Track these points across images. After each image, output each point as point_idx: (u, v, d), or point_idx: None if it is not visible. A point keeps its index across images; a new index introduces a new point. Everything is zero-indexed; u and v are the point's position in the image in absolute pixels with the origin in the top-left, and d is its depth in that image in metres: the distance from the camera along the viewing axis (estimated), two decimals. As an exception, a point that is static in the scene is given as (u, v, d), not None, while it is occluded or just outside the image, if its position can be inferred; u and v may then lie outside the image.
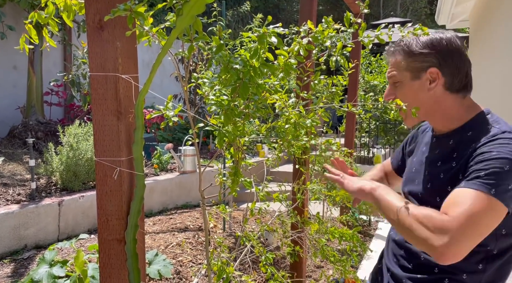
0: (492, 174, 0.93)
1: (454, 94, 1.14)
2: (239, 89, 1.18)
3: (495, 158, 0.95)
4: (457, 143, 1.11)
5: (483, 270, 1.06)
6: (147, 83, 1.15)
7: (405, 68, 1.16)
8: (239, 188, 1.59)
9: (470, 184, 0.95)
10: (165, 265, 2.50)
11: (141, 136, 1.19)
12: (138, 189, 1.20)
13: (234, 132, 1.33)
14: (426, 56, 1.12)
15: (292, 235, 2.79)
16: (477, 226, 0.90)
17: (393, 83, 1.20)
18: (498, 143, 0.98)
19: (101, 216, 1.21)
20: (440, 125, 1.19)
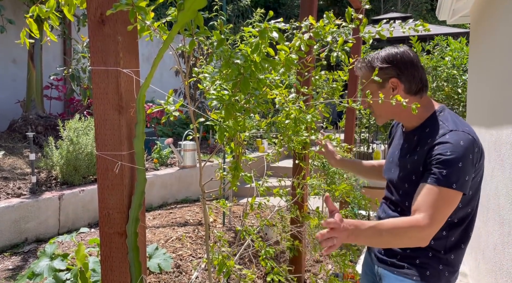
0: (452, 171, 1.19)
1: (413, 96, 1.37)
2: (240, 84, 1.18)
3: (451, 158, 1.20)
4: (419, 138, 1.36)
5: (446, 236, 1.33)
6: (148, 78, 1.15)
7: (371, 81, 1.38)
8: (239, 183, 1.60)
9: (434, 181, 1.21)
10: (165, 259, 2.51)
11: (142, 130, 1.19)
12: (139, 183, 1.21)
13: (234, 127, 1.34)
14: (386, 69, 1.36)
15: (292, 230, 2.80)
16: (444, 214, 1.20)
17: (365, 94, 1.42)
18: (449, 144, 1.22)
19: (102, 210, 1.22)
20: (406, 122, 1.44)
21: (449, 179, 1.19)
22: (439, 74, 6.33)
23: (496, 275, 2.77)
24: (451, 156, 1.20)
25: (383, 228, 1.20)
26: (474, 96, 3.90)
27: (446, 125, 1.29)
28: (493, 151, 2.91)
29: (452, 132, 1.25)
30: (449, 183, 1.19)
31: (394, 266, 1.38)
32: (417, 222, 1.18)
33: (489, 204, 3.00)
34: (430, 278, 1.32)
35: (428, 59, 6.43)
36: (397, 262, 1.37)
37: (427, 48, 6.61)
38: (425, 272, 1.32)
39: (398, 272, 1.36)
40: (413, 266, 1.34)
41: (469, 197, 1.30)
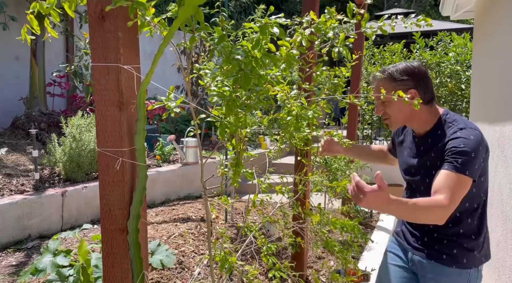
0: (466, 160, 1.40)
1: (425, 105, 1.56)
2: (241, 80, 1.18)
3: (464, 150, 1.41)
4: (432, 140, 1.56)
5: (470, 222, 1.55)
6: (148, 74, 1.15)
7: (391, 90, 1.53)
8: (241, 180, 1.60)
9: (451, 167, 1.41)
10: (167, 255, 2.52)
11: (143, 127, 1.19)
12: (140, 179, 1.21)
13: (235, 123, 1.34)
14: (406, 81, 1.54)
15: (294, 226, 2.80)
16: (459, 197, 1.39)
17: (382, 102, 1.58)
18: (462, 138, 1.44)
19: (103, 206, 1.22)
20: (417, 128, 1.63)
21: (464, 167, 1.39)
22: (442, 70, 6.30)
23: (499, 271, 2.77)
24: (464, 148, 1.41)
25: (414, 205, 1.36)
26: (478, 92, 3.87)
27: (456, 124, 1.51)
28: (496, 148, 2.90)
29: (462, 130, 1.47)
30: (464, 170, 1.39)
31: (432, 256, 1.57)
32: (440, 202, 1.36)
33: (492, 201, 2.99)
34: (468, 263, 1.53)
35: (431, 55, 6.40)
36: (435, 253, 1.57)
37: (430, 43, 6.57)
38: (463, 260, 1.53)
39: (437, 260, 1.56)
40: (451, 256, 1.54)
41: (480, 184, 1.52)
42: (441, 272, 1.56)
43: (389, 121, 1.62)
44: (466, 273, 1.54)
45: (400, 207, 1.34)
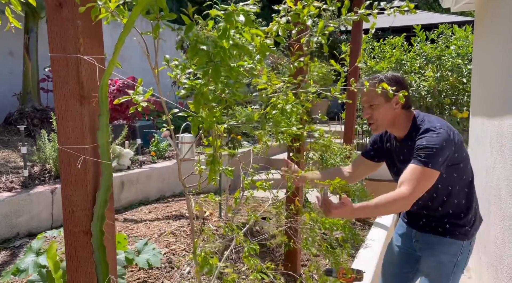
0: (428, 155, 1.63)
1: (405, 110, 1.82)
2: (211, 72, 1.10)
3: (427, 146, 1.65)
4: (411, 141, 1.76)
5: (458, 203, 1.80)
6: (110, 65, 1.07)
7: (380, 96, 1.73)
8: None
9: (416, 162, 1.64)
10: (154, 254, 2.45)
11: (106, 122, 1.11)
12: (104, 178, 1.13)
13: (209, 118, 1.26)
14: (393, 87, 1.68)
15: (286, 224, 2.73)
16: (423, 187, 1.63)
17: (370, 106, 1.80)
18: (426, 137, 1.68)
19: (66, 207, 1.15)
20: (397, 131, 1.86)
21: (426, 160, 1.62)
22: (443, 64, 6.17)
23: (496, 269, 2.68)
24: (427, 144, 1.64)
25: (376, 205, 1.62)
26: (478, 86, 3.77)
27: (423, 126, 1.75)
28: (495, 143, 2.80)
29: (427, 130, 1.71)
30: (427, 163, 1.62)
31: (430, 230, 1.86)
32: (402, 194, 1.60)
33: (490, 197, 2.90)
34: (460, 236, 1.80)
35: (432, 49, 6.27)
36: (433, 228, 1.84)
37: (431, 36, 6.45)
38: (455, 232, 1.80)
39: (434, 233, 1.84)
40: (445, 229, 1.81)
41: (461, 169, 1.76)
42: (438, 242, 1.83)
43: (374, 125, 1.82)
44: (459, 244, 1.80)
45: (365, 211, 1.66)
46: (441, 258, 1.83)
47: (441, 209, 1.80)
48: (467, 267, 1.85)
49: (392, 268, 2.07)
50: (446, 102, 6.22)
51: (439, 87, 6.24)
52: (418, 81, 6.26)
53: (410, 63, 6.43)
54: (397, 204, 1.61)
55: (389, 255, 2.11)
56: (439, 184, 1.71)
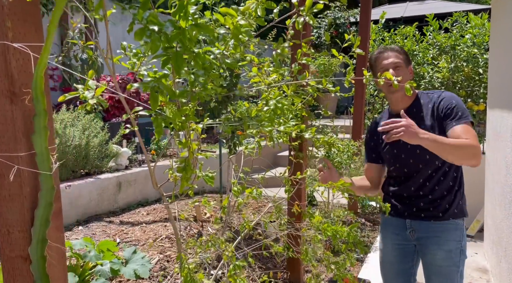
0: (464, 112, 1.63)
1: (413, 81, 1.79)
2: (172, 60, 0.88)
3: (459, 104, 1.65)
4: (418, 108, 1.74)
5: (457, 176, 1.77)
6: (44, 53, 0.86)
7: (402, 59, 1.75)
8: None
9: (461, 122, 1.61)
10: (143, 263, 2.27)
11: (44, 124, 0.91)
12: (43, 193, 0.93)
13: (177, 118, 1.04)
14: (408, 57, 1.81)
15: (288, 229, 2.52)
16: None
17: (395, 67, 1.72)
18: (448, 95, 1.70)
19: (1, 227, 0.95)
20: (407, 99, 1.77)
21: (468, 117, 1.62)
22: (458, 54, 5.85)
23: None
24: (457, 103, 1.65)
25: (451, 141, 1.55)
26: (496, 76, 3.49)
27: (433, 92, 1.76)
28: (517, 138, 2.54)
29: (443, 92, 1.73)
30: (468, 118, 1.62)
31: (430, 217, 1.75)
32: (476, 143, 1.54)
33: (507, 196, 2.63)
34: (459, 213, 1.75)
35: (445, 38, 5.95)
36: (431, 213, 1.74)
37: (445, 25, 6.12)
38: (454, 210, 1.74)
39: (436, 219, 1.74)
40: (446, 210, 1.73)
41: None
42: (440, 229, 1.74)
43: (398, 93, 1.71)
44: (460, 226, 1.75)
45: (440, 140, 1.52)
46: (449, 246, 1.74)
47: (438, 189, 1.73)
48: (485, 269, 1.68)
49: (393, 267, 1.95)
50: (461, 94, 5.91)
51: (454, 79, 5.93)
52: (431, 73, 5.96)
53: (422, 54, 6.11)
54: (473, 150, 1.53)
55: (385, 256, 1.98)
56: (436, 160, 1.68)
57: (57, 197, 0.99)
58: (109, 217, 3.63)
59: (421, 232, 1.78)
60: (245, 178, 1.76)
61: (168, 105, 0.99)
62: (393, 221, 1.88)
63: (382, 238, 1.98)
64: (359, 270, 3.10)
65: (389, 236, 1.92)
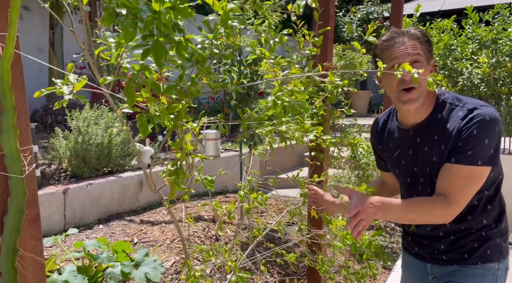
0: (477, 151, 1.18)
1: None
2: (151, 50, 0.77)
3: (476, 135, 1.18)
4: (434, 128, 1.29)
5: (491, 209, 1.33)
6: (8, 43, 0.77)
7: (422, 51, 1.25)
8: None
9: (461, 160, 1.20)
10: (155, 267, 2.19)
11: (12, 122, 0.82)
12: (14, 198, 0.84)
13: (164, 116, 0.93)
14: (431, 47, 1.29)
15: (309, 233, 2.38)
16: (471, 191, 1.22)
17: (414, 62, 1.22)
18: (473, 122, 1.19)
19: (-29, 235, 0.87)
20: (421, 111, 1.30)
21: (478, 157, 1.18)
22: (500, 48, 5.49)
23: None
24: (480, 135, 1.18)
25: (413, 206, 1.26)
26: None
27: (462, 105, 1.25)
28: None
29: (476, 110, 1.21)
30: (478, 160, 1.19)
31: (453, 260, 1.35)
32: (453, 201, 1.20)
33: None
34: (492, 256, 1.32)
35: (486, 31, 5.59)
36: (455, 256, 1.35)
37: (486, 18, 5.75)
38: (486, 251, 1.32)
39: (460, 262, 1.34)
40: (473, 251, 1.32)
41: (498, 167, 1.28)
42: (465, 274, 1.34)
43: (416, 92, 1.23)
44: (493, 271, 1.33)
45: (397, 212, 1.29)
46: None
47: (469, 220, 1.32)
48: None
49: None
50: (503, 92, 5.54)
51: (495, 75, 5.56)
52: (470, 68, 5.62)
53: (461, 49, 5.78)
54: (436, 213, 1.23)
55: None
56: None
57: (32, 203, 0.91)
58: (130, 216, 3.61)
59: (444, 278, 1.40)
60: (254, 181, 1.64)
61: (152, 101, 0.88)
62: (412, 260, 1.51)
63: (402, 277, 1.62)
64: (386, 278, 2.92)
65: (409, 277, 1.55)
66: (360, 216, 1.19)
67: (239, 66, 3.58)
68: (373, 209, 1.20)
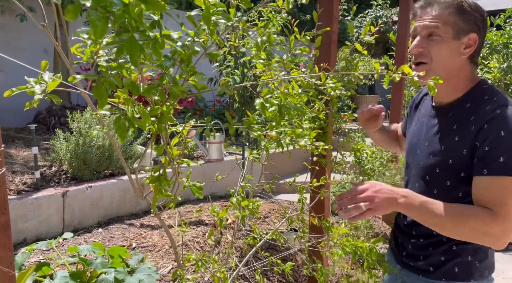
0: (510, 155, 1.00)
1: (471, 66, 1.16)
2: (125, 47, 0.71)
3: (504, 138, 1.01)
4: (456, 115, 1.15)
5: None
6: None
7: (451, 24, 1.10)
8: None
9: (495, 170, 1.01)
10: (149, 273, 2.13)
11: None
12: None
13: (146, 118, 0.87)
14: (474, 19, 1.11)
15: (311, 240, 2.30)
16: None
17: (429, 36, 1.13)
18: (502, 121, 1.02)
19: None
20: (444, 94, 1.19)
21: (511, 165, 1.00)
22: (511, 53, 5.37)
23: None
24: (508, 137, 1.01)
25: (446, 210, 1.03)
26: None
27: (495, 99, 1.09)
28: None
29: (501, 108, 1.05)
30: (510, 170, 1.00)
31: (418, 269, 1.25)
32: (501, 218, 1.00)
33: None
34: (461, 274, 1.18)
35: (497, 36, 5.48)
36: (421, 264, 1.24)
37: (497, 22, 5.64)
38: (454, 268, 1.18)
39: (424, 274, 1.23)
40: (439, 266, 1.20)
41: None
42: None
43: (425, 66, 1.14)
44: None
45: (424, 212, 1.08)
46: None
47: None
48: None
49: None
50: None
51: (506, 80, 5.44)
52: (481, 73, 5.50)
53: (470, 53, 5.68)
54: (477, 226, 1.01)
55: None
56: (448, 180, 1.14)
57: (2, 210, 0.85)
58: (130, 220, 3.56)
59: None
60: (250, 186, 1.57)
61: (129, 103, 0.82)
62: (390, 257, 1.44)
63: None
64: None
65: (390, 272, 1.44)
66: (366, 195, 1.00)
67: (242, 69, 3.52)
68: (388, 196, 1.01)
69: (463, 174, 1.10)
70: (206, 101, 7.38)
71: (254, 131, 0.95)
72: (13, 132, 4.74)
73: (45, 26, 0.82)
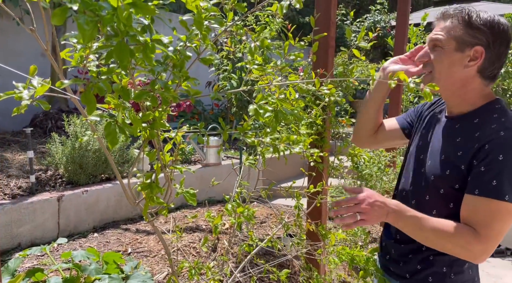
0: (501, 179, 1.01)
1: (481, 79, 1.15)
2: (114, 52, 0.69)
3: (501, 162, 1.02)
4: (462, 128, 1.15)
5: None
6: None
7: (455, 36, 1.13)
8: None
9: (485, 192, 1.03)
10: (144, 280, 2.10)
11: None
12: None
13: (137, 124, 0.85)
14: (480, 33, 1.11)
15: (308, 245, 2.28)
16: (503, 232, 1.04)
17: (433, 46, 1.17)
18: (503, 145, 1.03)
19: None
20: (453, 104, 1.21)
21: (505, 192, 1.02)
22: (509, 58, 5.37)
23: None
24: (505, 161, 1.02)
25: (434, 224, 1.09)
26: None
27: (503, 120, 1.09)
28: None
29: (505, 131, 1.05)
30: (505, 195, 1.02)
31: (396, 275, 1.29)
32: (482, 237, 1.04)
33: None
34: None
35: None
36: (399, 271, 1.27)
37: (494, 28, 5.65)
38: (428, 278, 1.20)
39: (402, 280, 1.26)
40: (413, 274, 1.22)
41: None
42: None
43: (428, 76, 1.18)
44: None
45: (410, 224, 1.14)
46: None
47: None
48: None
49: None
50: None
51: (504, 85, 5.44)
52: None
53: (468, 58, 5.69)
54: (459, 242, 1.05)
55: None
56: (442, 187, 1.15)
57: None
58: (126, 224, 3.53)
59: None
60: (246, 192, 1.55)
61: (119, 108, 0.81)
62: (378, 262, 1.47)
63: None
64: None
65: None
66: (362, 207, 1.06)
67: (239, 73, 3.51)
68: (381, 208, 1.08)
69: (457, 186, 1.12)
70: (204, 104, 7.37)
71: (248, 137, 0.93)
72: (9, 136, 4.72)
73: (33, 31, 0.81)
